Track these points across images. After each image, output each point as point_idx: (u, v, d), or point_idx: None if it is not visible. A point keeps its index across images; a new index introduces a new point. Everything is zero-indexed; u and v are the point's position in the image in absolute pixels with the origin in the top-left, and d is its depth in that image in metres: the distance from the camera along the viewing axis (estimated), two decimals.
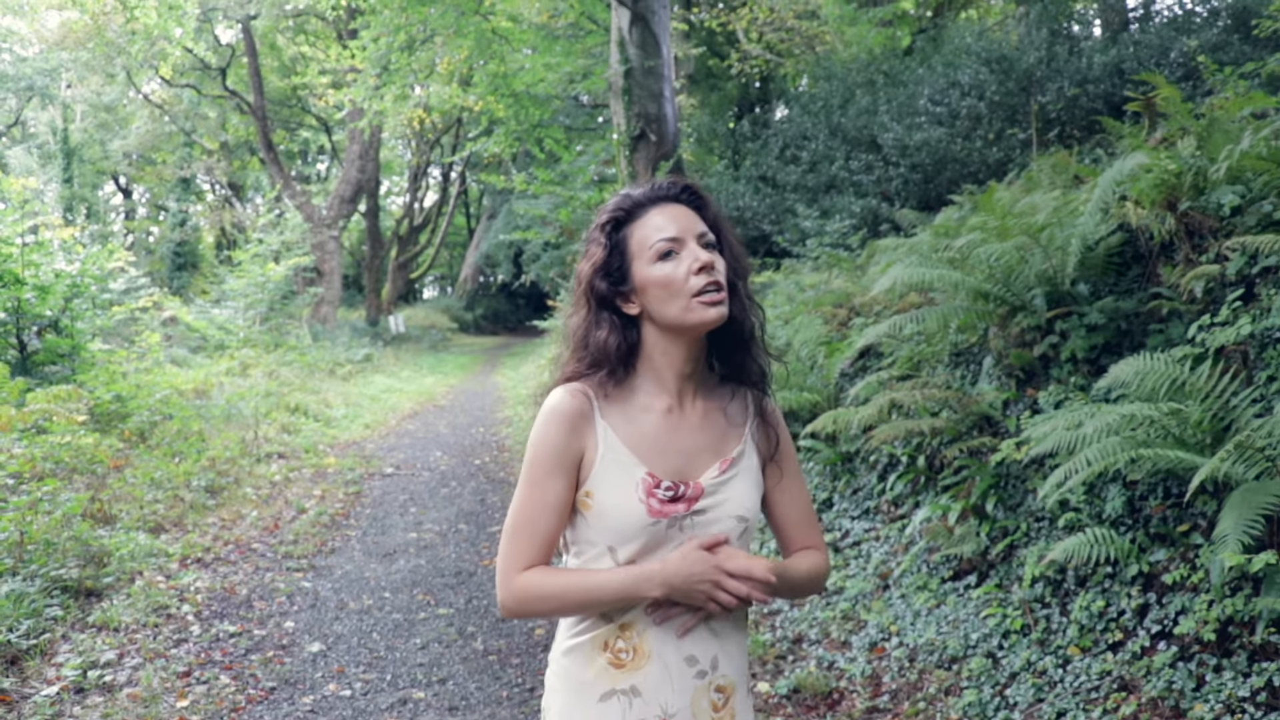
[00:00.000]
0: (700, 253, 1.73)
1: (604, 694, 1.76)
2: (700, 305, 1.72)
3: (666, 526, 1.73)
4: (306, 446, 11.36)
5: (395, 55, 17.51)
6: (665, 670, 1.74)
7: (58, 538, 6.04)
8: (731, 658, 1.80)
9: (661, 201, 1.80)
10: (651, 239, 1.76)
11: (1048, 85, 9.74)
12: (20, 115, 37.18)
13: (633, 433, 1.78)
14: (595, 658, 1.77)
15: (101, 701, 4.41)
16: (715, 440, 1.81)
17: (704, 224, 1.79)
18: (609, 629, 1.76)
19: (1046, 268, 5.04)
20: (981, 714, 3.83)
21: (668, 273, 1.74)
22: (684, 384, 1.82)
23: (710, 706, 1.78)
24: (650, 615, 1.75)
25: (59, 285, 12.18)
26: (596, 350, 1.81)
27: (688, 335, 1.77)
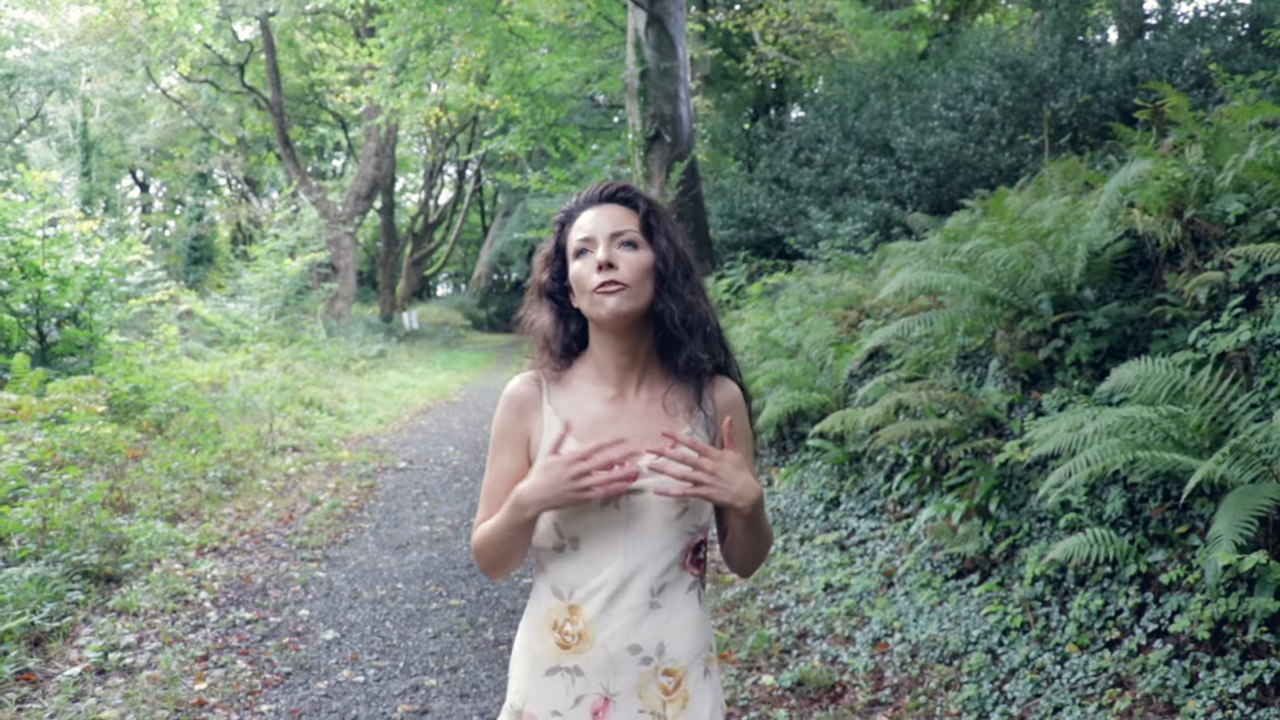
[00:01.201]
0: (603, 251, 1.82)
1: (550, 669, 1.86)
2: (599, 299, 1.81)
3: (601, 504, 1.81)
4: (320, 440, 11.48)
5: (414, 54, 17.63)
6: (608, 657, 1.82)
7: (78, 524, 6.17)
8: (682, 642, 1.86)
9: (594, 204, 1.91)
10: (574, 239, 1.89)
11: (1061, 91, 9.80)
12: (40, 109, 37.44)
13: (575, 417, 1.88)
14: (547, 635, 1.87)
15: (122, 683, 4.52)
16: (659, 426, 1.87)
17: (633, 222, 1.88)
18: (560, 607, 1.86)
19: (1053, 273, 5.12)
20: (980, 709, 3.91)
21: (577, 270, 1.86)
22: (624, 375, 1.91)
23: (660, 690, 1.84)
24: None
25: (78, 278, 12.32)
26: (538, 335, 1.98)
27: (606, 329, 1.87)
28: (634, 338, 1.89)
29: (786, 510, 6.83)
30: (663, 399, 1.91)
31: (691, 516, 1.85)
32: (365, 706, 4.40)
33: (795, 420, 7.44)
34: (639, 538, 1.82)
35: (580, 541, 1.85)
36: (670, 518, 1.83)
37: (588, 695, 1.83)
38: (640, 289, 1.83)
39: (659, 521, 1.83)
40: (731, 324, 9.84)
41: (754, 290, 10.33)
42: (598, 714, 1.83)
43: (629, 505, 1.82)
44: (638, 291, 1.83)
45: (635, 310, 1.83)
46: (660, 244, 1.89)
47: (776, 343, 7.88)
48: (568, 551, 1.87)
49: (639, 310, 1.84)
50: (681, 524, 1.84)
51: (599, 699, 1.83)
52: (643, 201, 1.92)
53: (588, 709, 1.83)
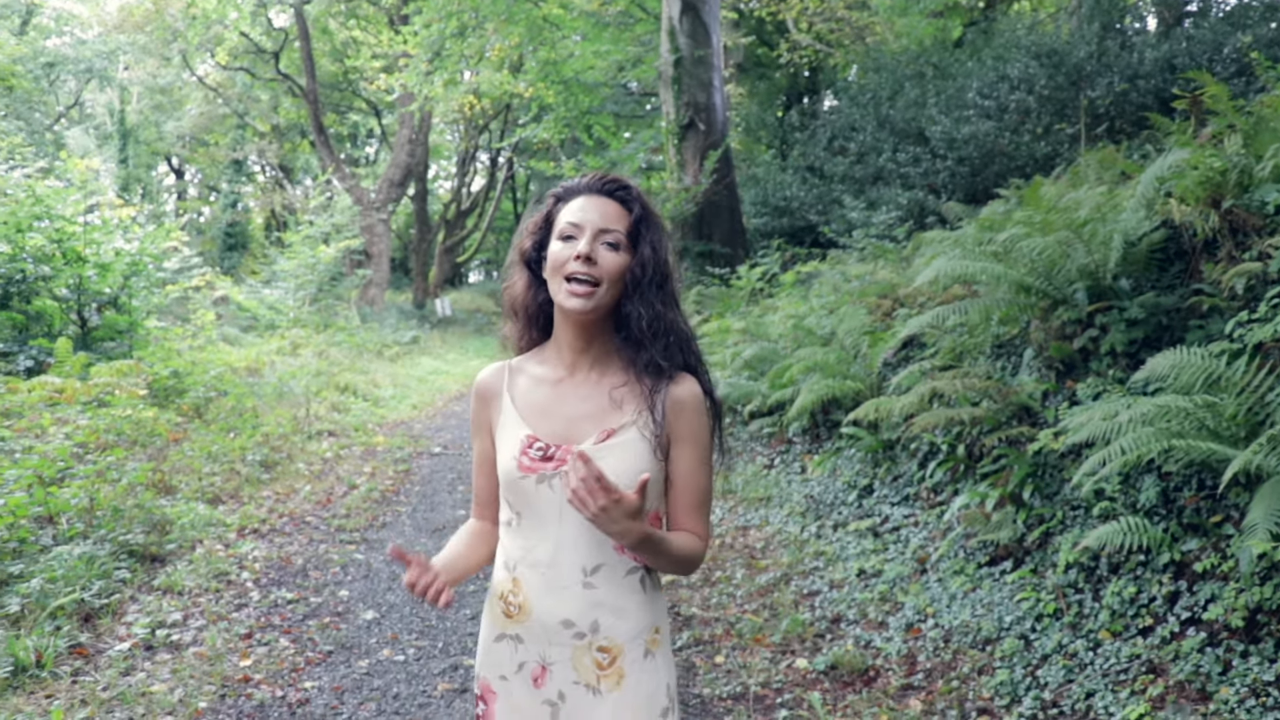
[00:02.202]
0: (586, 244, 1.86)
1: (498, 636, 1.98)
2: (566, 289, 1.86)
3: (535, 482, 1.89)
4: (356, 425, 11.62)
5: (448, 41, 17.71)
6: (544, 629, 1.91)
7: (124, 505, 6.30)
8: (619, 622, 1.91)
9: (591, 193, 1.94)
10: (562, 220, 1.92)
11: (1098, 80, 9.75)
12: (79, 97, 37.82)
13: (527, 400, 1.99)
14: (495, 604, 1.99)
15: (170, 659, 4.64)
16: (600, 411, 1.92)
17: (624, 223, 1.92)
18: (507, 578, 1.96)
19: (1088, 262, 5.12)
20: (1013, 693, 3.95)
21: (557, 251, 1.90)
22: (578, 357, 1.96)
23: (594, 664, 1.91)
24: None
25: (118, 263, 12.50)
26: (512, 298, 2.06)
27: (567, 316, 1.92)
28: (593, 327, 1.94)
29: (820, 497, 6.88)
30: (620, 384, 1.95)
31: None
32: (406, 684, 4.49)
33: (829, 408, 7.47)
34: (571, 518, 1.88)
35: (522, 517, 1.94)
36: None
37: (528, 662, 1.93)
38: (608, 291, 1.88)
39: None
40: (765, 312, 9.88)
41: (788, 279, 10.35)
42: (537, 680, 1.93)
43: (561, 486, 1.89)
44: (605, 292, 1.88)
45: (597, 309, 1.88)
46: (644, 251, 1.92)
47: (810, 331, 7.91)
48: (514, 525, 1.96)
49: (600, 309, 1.89)
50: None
51: (537, 666, 1.93)
52: (638, 205, 1.95)
53: (529, 675, 1.93)
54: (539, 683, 1.92)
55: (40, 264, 11.49)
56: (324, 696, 4.34)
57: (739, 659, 4.65)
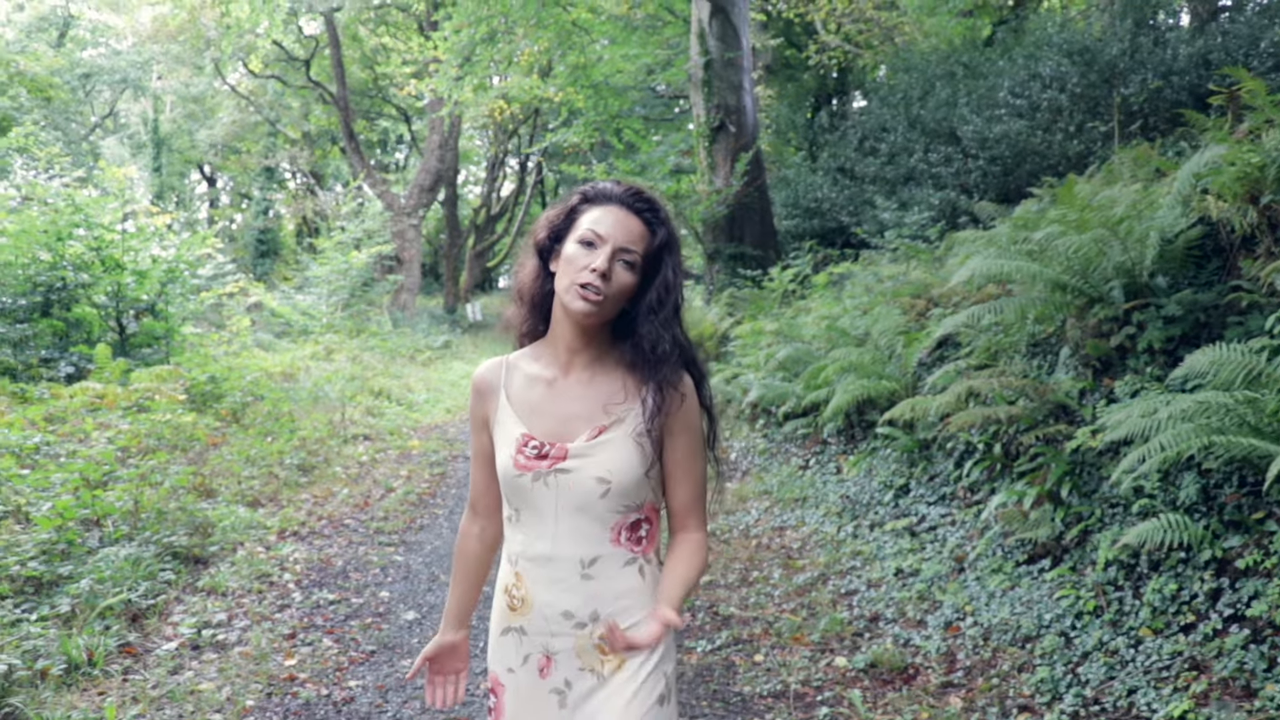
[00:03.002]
0: (604, 260, 1.89)
1: (504, 629, 2.03)
2: (576, 293, 1.90)
3: (531, 480, 1.95)
4: (391, 429, 11.72)
5: (479, 47, 17.81)
6: (546, 621, 1.97)
7: (167, 508, 6.40)
8: (620, 611, 1.96)
9: (622, 206, 1.97)
10: (585, 224, 1.95)
11: (1131, 77, 9.69)
12: (114, 107, 38.29)
13: (522, 398, 2.04)
14: (501, 598, 2.05)
15: (216, 658, 4.71)
16: (593, 409, 1.98)
17: (644, 245, 1.95)
18: (510, 572, 2.02)
19: (1125, 260, 5.12)
20: (1053, 690, 3.95)
21: (575, 254, 1.92)
22: (573, 357, 2.00)
23: (596, 650, 1.96)
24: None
25: (155, 270, 12.66)
26: (519, 284, 2.11)
27: (569, 317, 1.96)
28: (592, 330, 1.99)
29: (856, 497, 6.89)
30: (613, 382, 2.00)
31: (618, 498, 1.95)
32: None
33: (864, 408, 7.48)
34: (565, 514, 1.94)
35: (521, 513, 2.00)
36: (595, 497, 1.93)
37: (533, 654, 1.99)
38: (614, 305, 1.93)
39: (583, 500, 1.93)
40: (798, 313, 9.90)
41: (820, 280, 10.36)
42: (543, 670, 1.98)
43: (556, 484, 1.94)
44: (610, 308, 1.93)
45: (601, 318, 1.94)
46: (665, 275, 1.98)
47: (844, 331, 7.92)
48: (514, 521, 2.02)
49: (604, 319, 1.95)
50: (607, 503, 1.94)
51: (542, 657, 1.98)
52: (663, 230, 1.99)
53: (535, 666, 1.99)
54: (544, 673, 1.98)
55: (80, 271, 11.67)
56: (368, 695, 4.40)
57: (778, 657, 4.68)
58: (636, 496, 1.98)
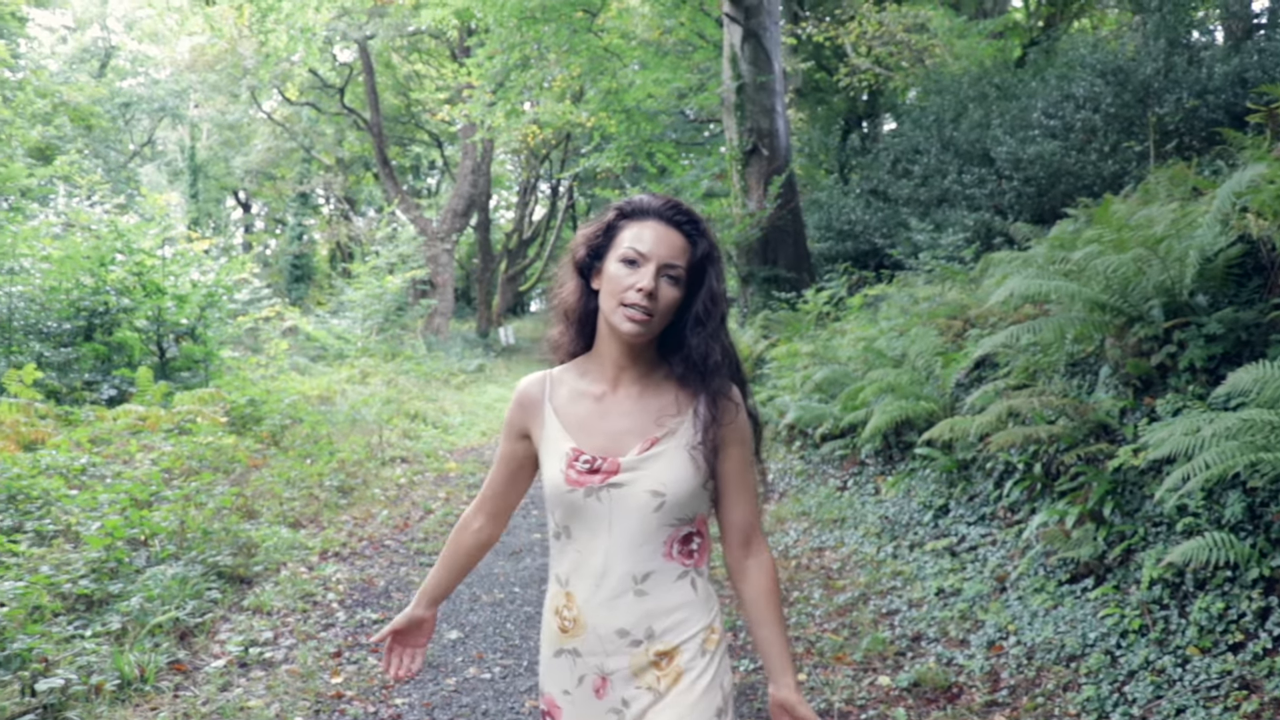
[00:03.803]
0: (649, 279, 1.88)
1: (557, 651, 2.01)
2: (623, 314, 1.88)
3: (584, 495, 1.93)
4: (428, 452, 11.80)
5: (512, 73, 17.99)
6: (599, 640, 1.94)
7: (211, 528, 6.49)
8: (674, 626, 1.94)
9: (661, 220, 1.94)
10: (627, 242, 1.93)
11: (1165, 96, 9.68)
12: (152, 135, 38.87)
13: (569, 413, 2.01)
14: (551, 619, 2.03)
15: (264, 675, 4.78)
16: (644, 424, 1.96)
17: (686, 258, 1.93)
18: (560, 593, 2.01)
19: (1164, 279, 5.12)
20: (1100, 709, 3.95)
21: (619, 274, 1.91)
22: (621, 373, 1.99)
23: (652, 666, 1.94)
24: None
25: (195, 295, 12.84)
26: (560, 302, 2.07)
27: (617, 336, 1.95)
28: (639, 346, 1.97)
29: (895, 518, 6.89)
30: (661, 395, 2.00)
31: (672, 511, 1.93)
32: (494, 701, 4.58)
33: (901, 429, 7.49)
34: (619, 529, 1.92)
35: (571, 530, 1.98)
36: (648, 511, 1.91)
37: (588, 675, 1.96)
38: (662, 322, 1.92)
39: (637, 514, 1.91)
40: (833, 335, 9.91)
41: (855, 302, 10.38)
42: (599, 691, 1.96)
43: (609, 498, 1.92)
44: (658, 324, 1.92)
45: (646, 339, 1.93)
46: (710, 286, 1.97)
47: (881, 353, 7.93)
48: (563, 540, 2.00)
49: (652, 336, 1.94)
50: (660, 517, 1.92)
51: (597, 678, 1.95)
52: (704, 242, 1.97)
53: (590, 687, 1.96)
54: (600, 693, 1.95)
55: (122, 296, 11.85)
56: (415, 713, 4.45)
57: (821, 676, 4.69)
58: (690, 509, 1.96)
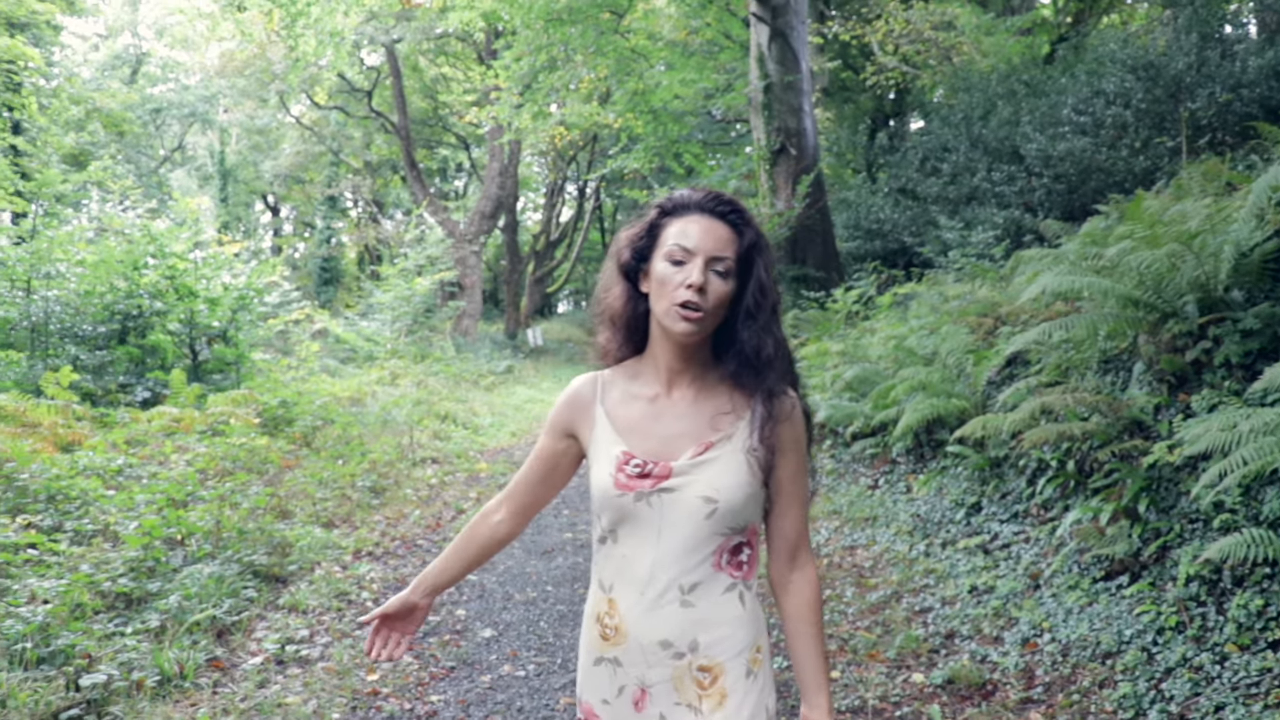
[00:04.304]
0: (698, 273, 1.81)
1: (597, 659, 1.95)
2: (677, 314, 1.82)
3: (634, 500, 1.86)
4: (458, 453, 11.85)
5: (539, 74, 18.06)
6: (641, 650, 1.88)
7: (246, 528, 6.55)
8: (720, 640, 1.87)
9: (704, 213, 1.88)
10: (671, 240, 1.86)
11: (1198, 91, 9.61)
12: (182, 140, 39.24)
13: (621, 415, 1.95)
14: (592, 626, 1.96)
15: (301, 673, 4.82)
16: (698, 427, 1.90)
17: (734, 249, 1.86)
18: (602, 599, 1.94)
19: (1199, 274, 5.09)
20: (1137, 706, 3.93)
21: (666, 273, 1.84)
22: (675, 376, 1.93)
23: (694, 684, 1.87)
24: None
25: (226, 298, 12.96)
26: (606, 308, 2.00)
27: (670, 337, 1.89)
28: (693, 347, 1.91)
29: (927, 516, 6.87)
30: (716, 399, 1.93)
31: (724, 519, 1.86)
32: (529, 698, 4.61)
33: (933, 427, 7.47)
34: (667, 536, 1.85)
35: (617, 534, 1.91)
36: (700, 518, 1.84)
37: (628, 685, 1.90)
38: (715, 318, 1.85)
39: (688, 520, 1.85)
40: (863, 334, 9.90)
41: (884, 301, 10.36)
42: (638, 703, 1.90)
43: (660, 503, 1.86)
44: (712, 320, 1.85)
45: (702, 335, 1.86)
46: (759, 276, 1.89)
47: (912, 351, 7.91)
48: (608, 544, 1.94)
49: (706, 334, 1.87)
50: (712, 525, 1.85)
51: (637, 689, 1.89)
52: (750, 231, 1.90)
53: (629, 698, 1.90)
54: (640, 706, 1.89)
55: (155, 299, 11.98)
56: (450, 710, 4.48)
57: (855, 674, 4.68)
58: (742, 518, 1.89)
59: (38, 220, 13.57)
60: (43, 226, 12.75)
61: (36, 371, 10.13)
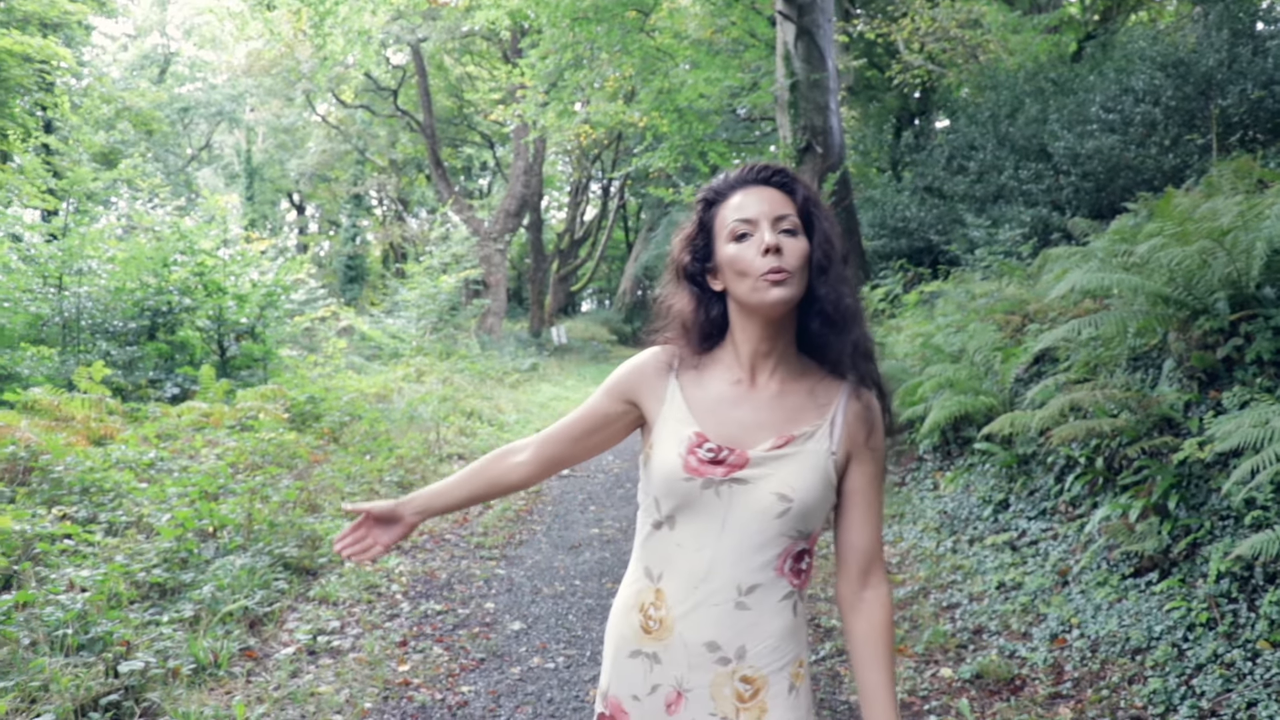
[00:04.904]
0: (770, 235, 1.72)
1: (633, 651, 1.84)
2: (765, 284, 1.71)
3: (701, 487, 1.75)
4: (484, 449, 11.90)
5: (565, 72, 18.11)
6: (685, 649, 1.77)
7: (277, 520, 6.62)
8: (766, 650, 1.78)
9: (749, 184, 1.80)
10: (729, 221, 1.77)
11: (1229, 88, 9.55)
12: (210, 139, 39.54)
13: (697, 395, 1.83)
14: (633, 616, 1.85)
15: (332, 663, 4.87)
16: (781, 418, 1.79)
17: (791, 208, 1.78)
18: (648, 588, 1.82)
19: (1230, 271, 5.07)
20: (1167, 702, 3.93)
21: (738, 253, 1.75)
22: (760, 361, 1.81)
23: (734, 695, 1.77)
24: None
25: (254, 295, 13.07)
26: (675, 319, 1.88)
27: (760, 314, 1.76)
28: (779, 324, 1.79)
29: (954, 513, 6.87)
30: (802, 391, 1.82)
31: (795, 521, 1.75)
32: (558, 690, 4.65)
33: (960, 424, 7.47)
34: (732, 530, 1.75)
35: (676, 521, 1.80)
36: (770, 516, 1.74)
37: (663, 685, 1.80)
38: (800, 277, 1.74)
39: (758, 517, 1.74)
40: (889, 332, 9.89)
41: (910, 299, 10.35)
42: (670, 706, 1.79)
43: (729, 494, 1.75)
44: (799, 280, 1.74)
45: (796, 299, 1.74)
46: (822, 229, 1.80)
47: (939, 348, 7.91)
48: (664, 530, 1.82)
49: (798, 299, 1.75)
50: (781, 525, 1.74)
51: (672, 691, 1.79)
52: (801, 187, 1.82)
53: (662, 699, 1.80)
54: (672, 709, 1.79)
55: (184, 296, 12.09)
56: (481, 700, 4.52)
57: None
58: (812, 522, 1.79)
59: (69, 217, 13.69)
60: (74, 224, 12.87)
61: (68, 367, 10.24)
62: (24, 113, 22.59)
